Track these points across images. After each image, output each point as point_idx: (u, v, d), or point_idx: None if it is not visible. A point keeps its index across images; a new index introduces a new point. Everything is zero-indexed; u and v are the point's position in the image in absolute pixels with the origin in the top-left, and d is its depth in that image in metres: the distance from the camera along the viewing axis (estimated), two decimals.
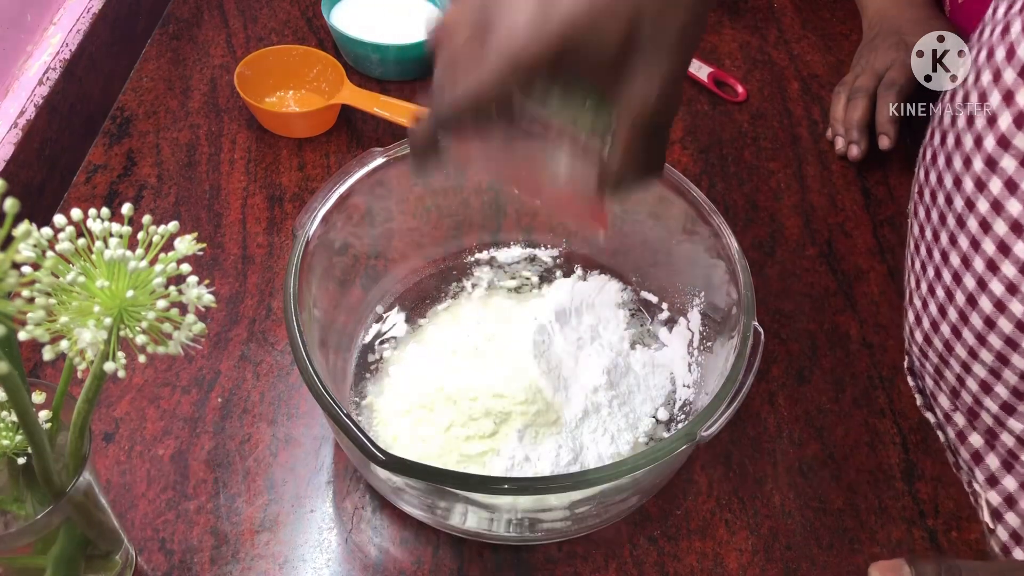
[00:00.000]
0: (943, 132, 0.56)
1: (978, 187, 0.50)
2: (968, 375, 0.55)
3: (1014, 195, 0.48)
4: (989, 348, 0.52)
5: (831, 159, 0.81)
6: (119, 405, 0.61)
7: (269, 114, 0.77)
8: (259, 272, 0.69)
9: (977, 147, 0.50)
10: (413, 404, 0.57)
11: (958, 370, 0.56)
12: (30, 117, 0.68)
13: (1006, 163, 0.48)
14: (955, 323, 0.54)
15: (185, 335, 0.36)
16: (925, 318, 0.58)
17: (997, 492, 0.56)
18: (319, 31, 0.88)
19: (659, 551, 0.57)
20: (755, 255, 0.73)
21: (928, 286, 0.57)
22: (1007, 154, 0.48)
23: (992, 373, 0.53)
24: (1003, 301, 0.50)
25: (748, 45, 0.92)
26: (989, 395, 0.54)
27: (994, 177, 0.49)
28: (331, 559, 0.55)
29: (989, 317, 0.51)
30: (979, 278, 0.51)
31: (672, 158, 0.80)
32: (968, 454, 0.58)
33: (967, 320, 0.53)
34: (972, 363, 0.54)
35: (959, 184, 0.52)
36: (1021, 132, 0.47)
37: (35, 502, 0.44)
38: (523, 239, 0.70)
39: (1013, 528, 0.55)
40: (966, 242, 0.52)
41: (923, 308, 0.58)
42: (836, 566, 0.57)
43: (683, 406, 0.61)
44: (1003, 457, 0.55)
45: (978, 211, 0.51)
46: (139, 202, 0.73)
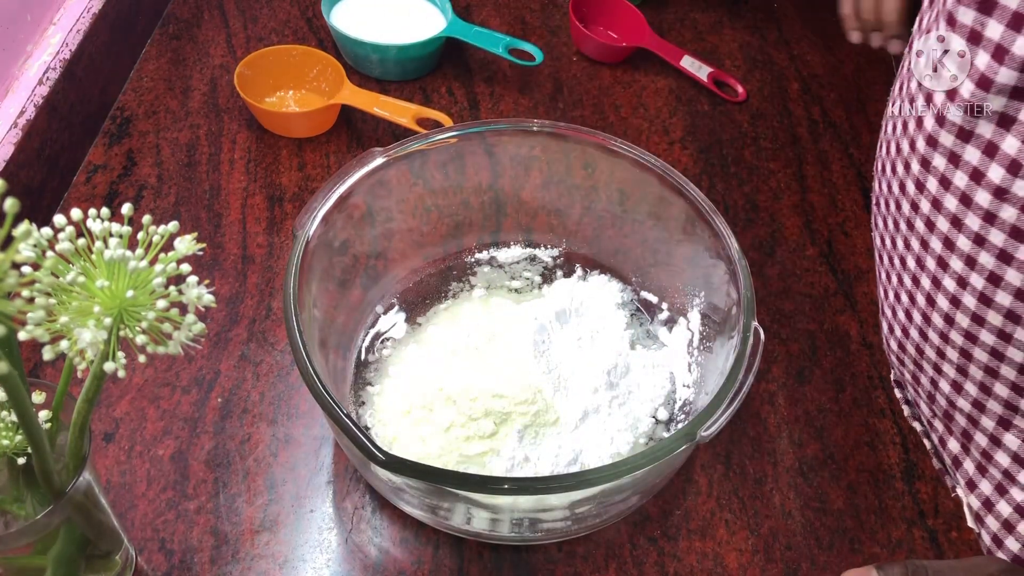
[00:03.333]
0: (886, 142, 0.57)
1: (918, 188, 0.52)
2: (940, 376, 0.56)
3: (948, 190, 0.49)
4: (952, 345, 0.53)
5: (831, 159, 0.81)
6: (119, 405, 0.61)
7: (269, 114, 0.77)
8: (259, 272, 0.69)
9: (912, 150, 0.52)
10: (413, 404, 0.57)
11: (931, 373, 0.57)
12: (30, 117, 0.68)
13: (937, 161, 0.49)
14: (920, 326, 0.55)
15: (185, 335, 0.36)
16: (896, 326, 0.59)
17: (976, 496, 0.57)
18: (319, 31, 0.88)
19: (659, 551, 0.57)
20: (755, 255, 0.73)
21: (895, 294, 0.58)
22: (936, 152, 0.49)
23: (960, 371, 0.54)
24: (957, 296, 0.51)
25: (748, 45, 0.92)
26: (960, 394, 0.55)
27: (929, 176, 0.50)
28: (331, 559, 0.55)
29: (947, 314, 0.52)
30: (933, 277, 0.52)
31: (672, 158, 0.80)
32: (949, 459, 0.59)
33: (930, 321, 0.54)
34: (941, 363, 0.55)
35: (904, 189, 0.54)
36: (944, 129, 0.48)
37: (35, 502, 0.44)
38: (523, 239, 0.70)
39: (993, 531, 0.56)
40: (917, 244, 0.53)
41: (893, 316, 0.59)
42: (836, 566, 0.57)
43: (683, 406, 0.61)
44: (977, 461, 0.56)
45: (922, 212, 0.52)
46: (139, 202, 0.73)
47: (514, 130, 0.64)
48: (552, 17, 0.92)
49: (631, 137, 0.81)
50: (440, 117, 0.77)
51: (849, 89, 0.88)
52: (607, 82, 0.87)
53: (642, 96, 0.86)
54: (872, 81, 0.89)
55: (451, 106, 0.83)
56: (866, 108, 0.86)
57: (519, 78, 0.86)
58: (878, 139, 0.59)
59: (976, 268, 0.49)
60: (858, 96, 0.88)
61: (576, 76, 0.87)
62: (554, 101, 0.85)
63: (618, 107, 0.84)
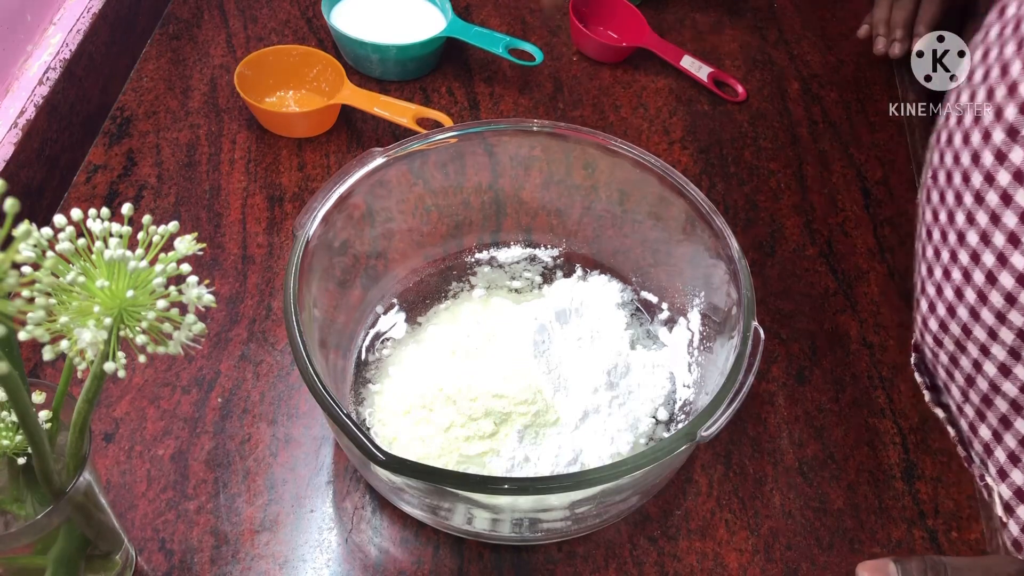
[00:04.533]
0: (959, 112, 0.56)
1: (998, 159, 0.51)
2: (986, 358, 0.55)
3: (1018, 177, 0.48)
4: (1010, 326, 0.52)
5: (831, 159, 0.81)
6: (119, 405, 0.61)
7: (269, 114, 0.77)
8: (259, 272, 0.69)
9: (997, 122, 0.51)
10: (413, 404, 0.57)
11: (975, 355, 0.55)
12: (30, 117, 0.68)
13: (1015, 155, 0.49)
14: (973, 304, 0.54)
15: (185, 335, 0.36)
16: (940, 304, 0.58)
17: (1007, 486, 0.56)
18: (319, 31, 0.88)
19: (659, 551, 0.57)
20: (755, 255, 0.73)
21: (944, 270, 0.57)
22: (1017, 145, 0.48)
23: (1012, 354, 0.53)
24: (1021, 283, 0.50)
25: (748, 45, 0.92)
26: (1008, 378, 0.54)
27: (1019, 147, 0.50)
28: (331, 559, 0.55)
29: (1010, 293, 0.51)
30: (999, 253, 0.51)
31: (672, 158, 0.80)
32: (980, 446, 0.58)
33: (986, 299, 0.53)
34: (991, 344, 0.54)
35: (977, 160, 0.53)
36: None
37: (35, 502, 0.44)
38: (523, 239, 0.70)
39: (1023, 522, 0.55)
40: (985, 219, 0.52)
41: (937, 294, 0.58)
42: (836, 566, 0.57)
43: (683, 406, 0.61)
44: (1010, 450, 0.55)
45: (999, 183, 0.51)
46: (139, 202, 0.73)
47: (514, 130, 0.64)
48: (552, 17, 0.92)
49: (631, 137, 0.81)
50: (440, 117, 0.77)
51: (849, 89, 0.88)
52: (607, 82, 0.87)
53: (642, 96, 0.86)
54: (872, 81, 0.89)
55: (451, 106, 0.83)
56: (866, 108, 0.86)
57: (519, 78, 0.86)
58: (879, 139, 0.59)
59: None
60: (858, 96, 0.88)
61: (576, 76, 0.87)
62: (554, 101, 0.85)
63: (618, 107, 0.84)
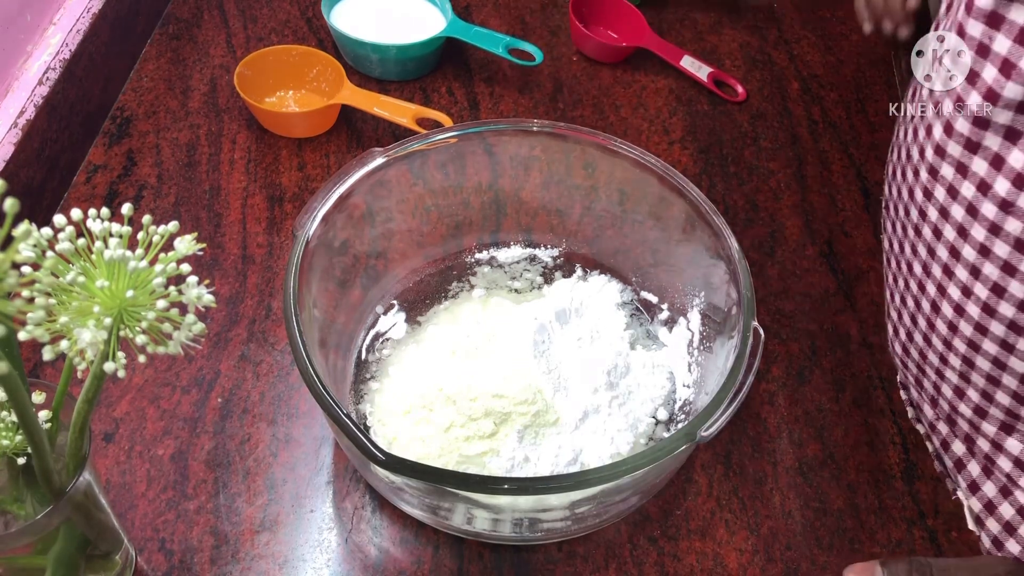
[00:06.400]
0: (897, 146, 0.57)
1: (926, 196, 0.52)
2: (943, 381, 0.56)
3: (955, 200, 0.49)
4: (955, 352, 0.53)
5: (831, 159, 0.81)
6: (119, 405, 0.61)
7: (269, 114, 0.77)
8: (259, 272, 0.69)
9: (921, 158, 0.52)
10: (413, 404, 0.57)
11: (934, 378, 0.57)
12: (30, 117, 0.68)
13: (945, 171, 0.50)
14: (924, 331, 0.56)
15: (185, 335, 0.36)
16: (901, 329, 0.60)
17: (978, 499, 0.57)
18: (319, 31, 0.88)
19: (659, 551, 0.57)
20: (755, 255, 0.73)
21: (900, 298, 0.59)
22: (944, 162, 0.49)
23: (962, 377, 0.54)
24: (961, 305, 0.51)
25: (748, 45, 0.92)
26: (963, 400, 0.55)
27: (937, 185, 0.51)
28: (331, 559, 0.55)
29: (951, 322, 0.52)
30: (939, 285, 0.53)
31: (672, 158, 0.80)
32: (952, 462, 0.59)
33: (934, 327, 0.54)
34: (944, 369, 0.55)
35: (912, 195, 0.54)
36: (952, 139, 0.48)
37: (35, 502, 0.44)
38: (523, 239, 0.70)
39: (994, 534, 0.56)
40: (924, 251, 0.54)
41: (898, 320, 0.60)
42: (836, 566, 0.57)
43: (683, 406, 0.61)
44: (982, 464, 0.56)
45: (930, 220, 0.52)
46: (139, 202, 0.73)
47: (514, 130, 0.64)
48: (552, 17, 0.92)
49: (631, 137, 0.81)
50: (440, 117, 0.77)
51: (849, 89, 0.88)
52: (607, 82, 0.87)
53: (642, 96, 0.86)
54: (872, 81, 0.89)
55: (451, 106, 0.83)
56: (866, 108, 0.86)
57: (519, 78, 0.86)
58: (879, 139, 0.59)
59: (980, 278, 0.49)
60: (858, 96, 0.88)
61: (576, 76, 0.87)
62: (554, 101, 0.85)
63: (618, 107, 0.84)
